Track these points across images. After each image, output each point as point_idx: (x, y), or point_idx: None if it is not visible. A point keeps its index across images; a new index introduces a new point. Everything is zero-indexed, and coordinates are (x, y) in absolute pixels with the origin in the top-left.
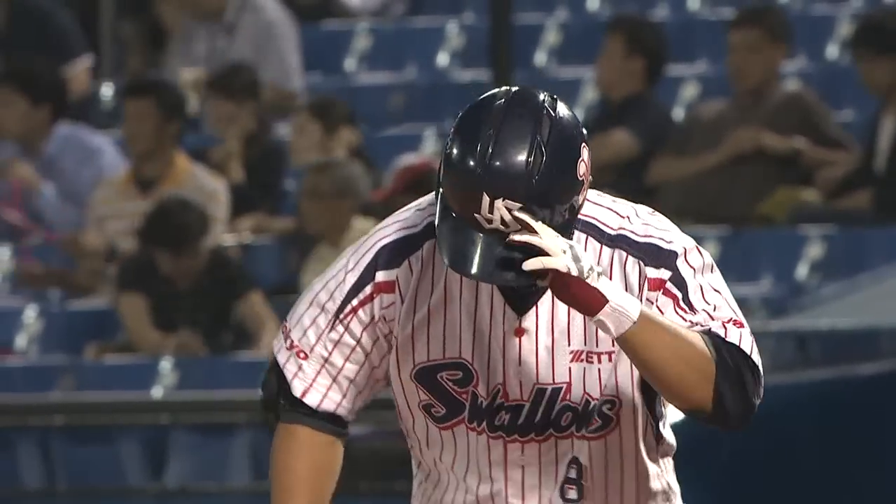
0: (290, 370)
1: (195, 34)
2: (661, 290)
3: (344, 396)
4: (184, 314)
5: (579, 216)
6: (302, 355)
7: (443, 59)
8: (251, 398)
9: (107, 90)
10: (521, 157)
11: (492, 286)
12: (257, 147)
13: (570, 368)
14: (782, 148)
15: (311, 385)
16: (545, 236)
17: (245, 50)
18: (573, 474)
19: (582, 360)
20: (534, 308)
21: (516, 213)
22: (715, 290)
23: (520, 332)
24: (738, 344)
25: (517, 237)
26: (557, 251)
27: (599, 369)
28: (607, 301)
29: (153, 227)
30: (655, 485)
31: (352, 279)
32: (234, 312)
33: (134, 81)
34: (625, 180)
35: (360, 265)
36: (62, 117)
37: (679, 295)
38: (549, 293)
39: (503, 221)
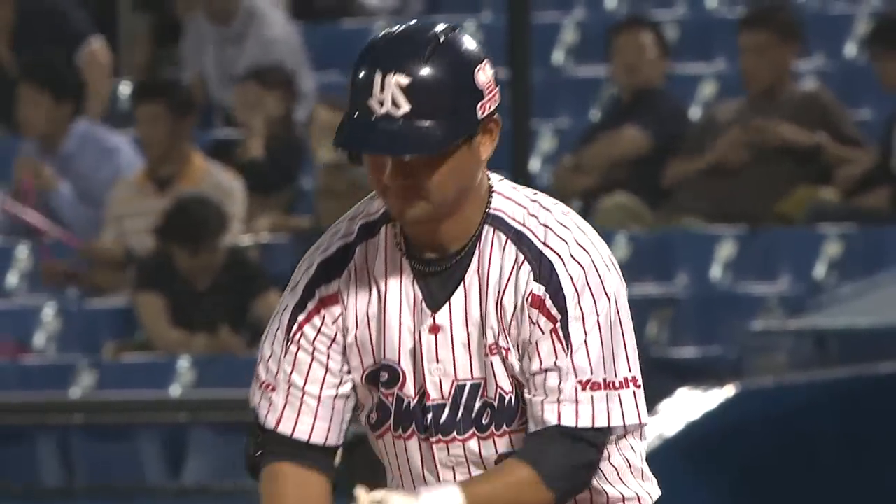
0: (263, 407)
1: (207, 35)
2: (541, 310)
3: (315, 420)
4: (202, 313)
5: (490, 211)
6: (270, 388)
7: None
8: None
9: (124, 88)
10: (416, 42)
11: (408, 282)
12: (281, 132)
13: (486, 363)
14: (804, 141)
15: (281, 415)
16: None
17: (250, 63)
18: None
19: (495, 353)
20: (447, 304)
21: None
22: (592, 330)
23: (434, 328)
24: (573, 425)
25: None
26: None
27: (510, 362)
28: None
29: (171, 224)
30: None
31: (295, 299)
32: (251, 311)
33: (143, 85)
34: (639, 177)
35: (301, 283)
36: (81, 113)
37: (559, 318)
38: (461, 289)
39: (394, 101)
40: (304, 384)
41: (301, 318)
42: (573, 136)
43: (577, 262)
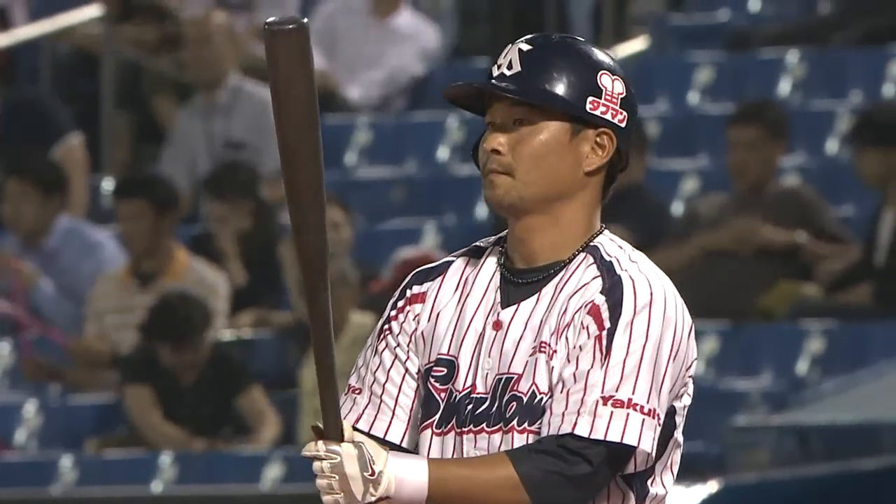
0: (345, 409)
1: (191, 125)
2: (594, 317)
3: (392, 419)
4: (187, 409)
5: (591, 243)
6: (356, 391)
7: (443, 153)
8: (251, 492)
9: (107, 184)
10: (542, 35)
11: (494, 288)
12: (254, 244)
13: (530, 360)
14: (783, 241)
15: (362, 412)
16: (319, 481)
17: (243, 132)
18: None
19: (543, 351)
20: (516, 305)
21: None
22: (635, 352)
23: (497, 325)
24: (587, 435)
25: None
26: (329, 490)
27: (552, 364)
28: (391, 497)
29: (155, 321)
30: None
31: (391, 302)
32: (234, 406)
33: (123, 182)
34: None
35: (399, 289)
36: (65, 209)
37: (607, 327)
38: (535, 296)
39: (510, 63)
40: (385, 382)
41: (392, 314)
42: None
43: (648, 290)
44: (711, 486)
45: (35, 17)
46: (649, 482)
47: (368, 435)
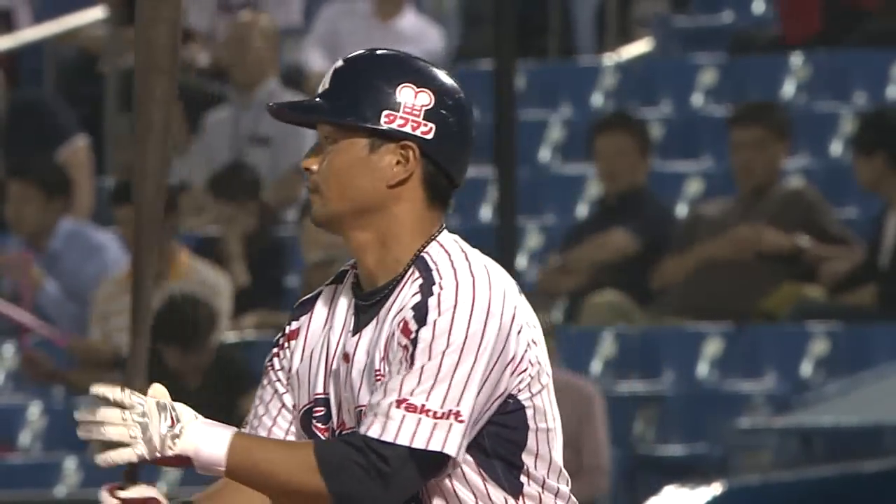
0: None
1: (219, 126)
2: (404, 331)
3: None
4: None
5: (420, 253)
6: (246, 427)
7: None
8: None
9: (111, 185)
10: (364, 51)
11: (351, 316)
12: (258, 245)
13: (371, 390)
14: (785, 245)
15: None
16: (114, 429)
17: (269, 127)
18: None
19: (379, 380)
20: (359, 334)
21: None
22: (435, 357)
23: (346, 357)
24: (378, 437)
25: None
26: (126, 438)
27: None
28: (191, 460)
29: (162, 323)
30: None
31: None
32: (238, 409)
33: (121, 187)
34: (626, 276)
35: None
36: (69, 211)
37: (413, 338)
38: (375, 321)
39: (324, 82)
40: (263, 415)
41: (274, 350)
42: (559, 234)
43: (453, 295)
44: (715, 488)
45: (39, 19)
46: (519, 474)
47: None
